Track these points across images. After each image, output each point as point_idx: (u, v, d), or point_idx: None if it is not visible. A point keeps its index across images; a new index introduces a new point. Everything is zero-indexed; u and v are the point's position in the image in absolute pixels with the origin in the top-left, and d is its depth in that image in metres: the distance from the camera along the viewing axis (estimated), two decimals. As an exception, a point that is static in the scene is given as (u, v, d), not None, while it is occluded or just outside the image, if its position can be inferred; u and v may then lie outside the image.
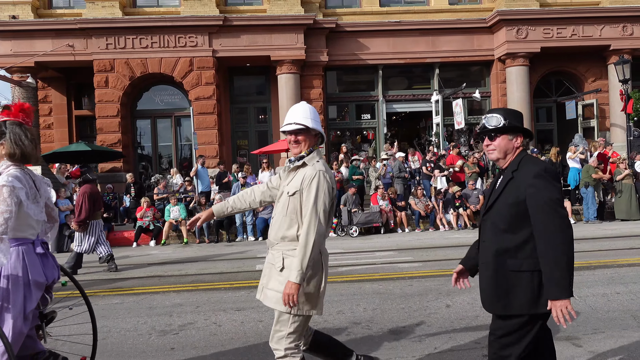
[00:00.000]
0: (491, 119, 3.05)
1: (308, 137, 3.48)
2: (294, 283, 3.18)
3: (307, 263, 3.20)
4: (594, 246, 10.39)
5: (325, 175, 3.36)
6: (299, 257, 3.21)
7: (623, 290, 6.56)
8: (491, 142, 3.05)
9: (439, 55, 19.84)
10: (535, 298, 2.85)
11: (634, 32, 19.29)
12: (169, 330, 5.64)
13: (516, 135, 3.05)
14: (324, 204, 3.31)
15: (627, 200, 15.02)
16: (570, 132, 19.76)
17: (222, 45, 18.53)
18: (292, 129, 3.46)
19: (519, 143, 3.05)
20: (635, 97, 18.36)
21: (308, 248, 3.20)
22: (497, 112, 3.07)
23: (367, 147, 20.91)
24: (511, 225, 2.90)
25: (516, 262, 2.89)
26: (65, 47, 18.08)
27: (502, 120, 3.02)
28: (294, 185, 3.40)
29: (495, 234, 2.96)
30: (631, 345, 4.59)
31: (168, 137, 20.06)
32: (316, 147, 3.53)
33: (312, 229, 3.23)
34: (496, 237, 2.95)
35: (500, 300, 2.94)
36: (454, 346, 4.75)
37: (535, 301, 2.85)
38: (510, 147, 3.03)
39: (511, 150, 3.03)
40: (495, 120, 3.03)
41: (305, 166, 3.41)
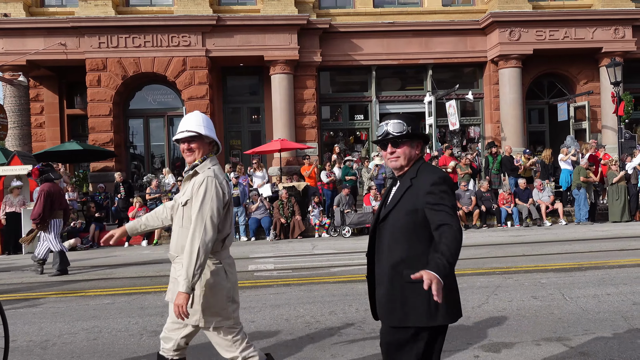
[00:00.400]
0: (396, 125, 2.93)
1: (202, 145, 3.39)
2: (183, 293, 3.09)
3: (193, 272, 3.10)
4: (585, 247, 10.44)
5: (214, 181, 3.27)
6: (185, 265, 3.12)
7: (614, 291, 6.59)
8: (396, 149, 2.94)
9: (432, 56, 19.87)
10: (433, 309, 2.77)
11: (626, 34, 19.40)
12: (161, 330, 5.61)
13: (417, 142, 2.99)
14: (212, 210, 3.21)
15: (622, 203, 15.08)
16: (562, 134, 19.85)
17: (215, 45, 18.48)
18: (184, 137, 3.37)
19: (419, 150, 2.99)
20: (627, 100, 18.46)
21: (193, 256, 3.10)
22: (400, 118, 2.96)
23: (360, 148, 20.93)
24: (408, 235, 2.82)
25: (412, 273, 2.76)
26: (58, 45, 17.99)
27: (405, 127, 2.93)
28: (187, 194, 3.33)
29: (392, 243, 2.86)
30: (621, 346, 4.61)
31: (160, 136, 19.99)
32: (210, 154, 3.45)
33: (197, 235, 3.14)
34: (393, 247, 2.85)
35: (397, 311, 2.82)
36: (446, 346, 4.74)
37: (433, 313, 2.78)
38: (413, 154, 2.95)
39: (414, 157, 2.96)
40: (400, 127, 2.92)
41: (197, 174, 3.35)
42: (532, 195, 15.53)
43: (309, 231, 14.85)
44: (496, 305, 6.14)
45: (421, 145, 3.02)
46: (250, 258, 10.93)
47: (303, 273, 8.85)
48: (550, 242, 11.54)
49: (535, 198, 15.45)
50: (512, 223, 15.12)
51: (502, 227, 15.02)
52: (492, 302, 6.29)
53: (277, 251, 11.91)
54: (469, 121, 20.95)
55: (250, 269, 9.43)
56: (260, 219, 14.68)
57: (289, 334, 5.33)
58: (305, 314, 6.03)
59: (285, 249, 12.22)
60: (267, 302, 6.69)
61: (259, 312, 6.23)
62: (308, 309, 6.24)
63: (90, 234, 14.33)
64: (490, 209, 15.33)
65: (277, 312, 6.16)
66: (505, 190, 15.71)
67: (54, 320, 6.22)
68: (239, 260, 10.69)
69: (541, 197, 15.45)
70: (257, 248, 12.65)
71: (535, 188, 15.71)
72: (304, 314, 6.03)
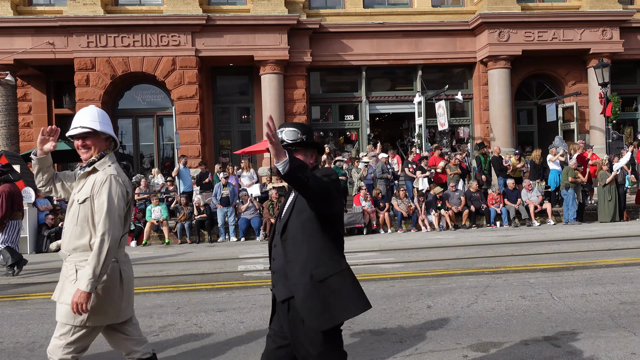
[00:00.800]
0: (290, 133, 2.93)
1: (97, 141, 3.31)
2: (84, 292, 3.01)
3: (100, 271, 3.04)
4: (573, 247, 10.51)
5: (118, 179, 3.22)
6: (92, 264, 3.04)
7: (601, 291, 6.64)
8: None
9: (422, 57, 19.93)
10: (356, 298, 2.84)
11: (613, 36, 19.56)
12: (149, 331, 5.59)
13: (311, 151, 3.00)
14: (118, 209, 3.16)
15: (614, 204, 15.17)
16: (550, 135, 19.97)
17: (205, 44, 18.43)
18: (78, 133, 3.27)
19: (313, 159, 3.00)
20: (614, 101, 18.60)
21: (102, 256, 3.04)
22: (295, 127, 2.96)
23: (350, 148, 20.94)
24: (306, 235, 2.85)
25: (321, 271, 2.81)
26: (46, 44, 17.86)
27: (300, 135, 2.93)
28: (85, 192, 3.23)
29: (297, 249, 2.87)
30: (609, 345, 4.65)
31: (150, 136, 19.90)
32: (108, 151, 3.37)
33: (106, 235, 3.08)
34: (298, 253, 2.86)
35: (324, 314, 2.80)
36: (435, 347, 4.77)
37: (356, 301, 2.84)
38: (307, 162, 2.95)
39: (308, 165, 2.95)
40: (294, 135, 2.92)
41: (96, 172, 3.25)
42: (520, 196, 15.61)
43: (299, 231, 14.81)
44: (485, 305, 6.17)
45: (315, 154, 3.03)
46: (239, 258, 10.90)
47: (293, 273, 8.82)
48: (539, 242, 11.60)
49: (524, 198, 15.54)
50: (501, 223, 15.19)
51: (491, 227, 15.09)
52: (481, 302, 6.31)
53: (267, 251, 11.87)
54: (459, 122, 21.03)
55: (240, 270, 9.41)
56: (250, 219, 14.65)
57: (279, 334, 5.31)
58: (295, 315, 6.01)
59: (275, 249, 12.17)
60: (256, 303, 6.67)
61: (248, 312, 6.22)
62: (297, 310, 6.22)
63: (78, 235, 14.20)
64: (479, 209, 15.39)
65: (266, 313, 6.14)
66: (494, 190, 15.78)
67: (41, 321, 6.17)
68: (229, 260, 10.68)
69: (530, 197, 15.54)
70: (247, 248, 12.63)
71: (524, 188, 15.79)
72: (294, 315, 6.01)
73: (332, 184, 2.80)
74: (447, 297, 6.58)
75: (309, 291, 2.81)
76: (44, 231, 13.66)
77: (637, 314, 5.59)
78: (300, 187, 2.64)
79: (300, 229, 2.88)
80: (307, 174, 2.58)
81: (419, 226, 15.05)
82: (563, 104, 20.62)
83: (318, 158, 3.07)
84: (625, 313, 5.63)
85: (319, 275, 2.81)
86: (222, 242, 14.36)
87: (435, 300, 6.43)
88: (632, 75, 21.57)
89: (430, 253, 10.55)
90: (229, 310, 6.32)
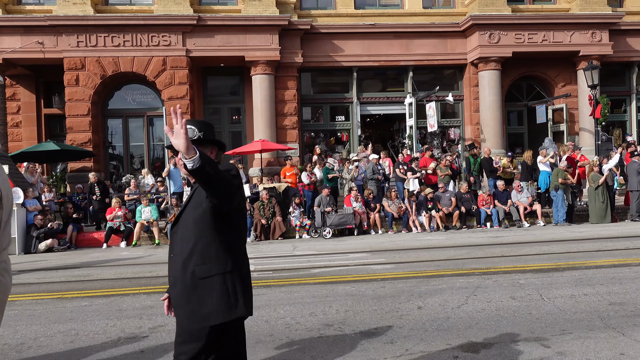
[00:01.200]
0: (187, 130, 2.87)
1: None
2: None
3: None
4: (563, 248, 10.56)
5: None
6: None
7: (590, 291, 6.68)
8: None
9: (412, 58, 19.99)
10: (232, 302, 2.78)
11: (603, 38, 19.72)
12: (139, 333, 5.56)
13: (211, 148, 2.97)
14: None
15: (605, 205, 15.26)
16: (540, 136, 20.10)
17: (195, 45, 18.38)
18: None
19: (213, 156, 2.97)
20: (604, 103, 18.76)
21: None
22: (191, 124, 2.93)
23: (341, 149, 20.95)
24: (196, 230, 2.81)
25: (204, 268, 2.78)
26: (35, 44, 17.74)
27: (197, 132, 2.91)
28: None
29: (183, 243, 2.85)
30: (598, 346, 4.67)
31: (140, 136, 19.81)
32: None
33: None
34: (184, 247, 2.84)
35: (197, 313, 2.77)
36: (426, 347, 4.77)
37: (232, 305, 2.79)
38: None
39: None
40: (190, 132, 2.86)
41: None
42: (510, 197, 15.67)
43: (290, 232, 14.82)
44: (475, 305, 6.18)
45: (216, 151, 3.00)
46: (230, 259, 10.85)
47: (283, 274, 8.82)
48: (529, 243, 11.65)
49: (514, 199, 15.60)
50: (492, 224, 15.25)
51: (481, 228, 15.14)
52: (471, 302, 6.33)
53: (258, 252, 11.86)
54: (449, 123, 21.10)
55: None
56: (241, 220, 14.60)
57: (269, 335, 5.30)
58: (286, 316, 6.01)
59: (266, 250, 12.18)
60: (247, 304, 6.64)
61: (238, 313, 6.19)
62: (288, 311, 6.22)
63: (67, 235, 14.13)
64: (470, 210, 15.44)
65: (256, 314, 6.12)
66: (485, 191, 15.84)
67: (29, 322, 6.11)
68: (219, 261, 10.63)
69: (520, 198, 15.61)
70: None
71: (514, 189, 15.86)
72: (284, 316, 6.01)
73: (233, 179, 2.78)
74: (437, 297, 6.59)
75: (187, 288, 2.78)
76: (32, 232, 13.56)
77: (625, 314, 5.63)
78: (207, 184, 2.60)
79: (192, 224, 2.84)
80: (215, 170, 2.55)
81: (409, 227, 15.08)
82: (553, 105, 20.75)
83: (218, 155, 3.03)
84: (614, 314, 5.66)
85: (200, 272, 2.78)
86: (212, 242, 14.29)
87: (425, 301, 6.44)
88: (621, 78, 21.74)
89: (421, 254, 10.57)
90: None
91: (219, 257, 2.79)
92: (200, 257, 2.79)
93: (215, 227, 2.82)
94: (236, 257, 2.90)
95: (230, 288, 2.79)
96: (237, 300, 2.80)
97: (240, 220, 2.99)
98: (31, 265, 11.18)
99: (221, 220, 2.83)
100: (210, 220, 2.81)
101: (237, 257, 2.91)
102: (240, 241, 3.00)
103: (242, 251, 3.01)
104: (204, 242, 2.81)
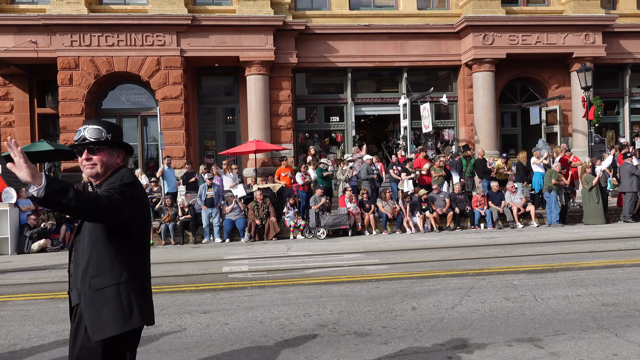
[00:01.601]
0: (93, 131, 2.81)
1: None
2: None
3: None
4: (556, 249, 10.60)
5: None
6: None
7: (583, 292, 6.71)
8: (92, 156, 2.82)
9: (407, 59, 20.02)
10: (127, 313, 2.73)
11: (596, 40, 19.80)
12: (133, 333, 5.53)
13: (118, 150, 2.91)
14: None
15: (600, 206, 15.31)
16: (534, 137, 20.17)
17: (190, 45, 18.34)
18: None
19: (120, 159, 2.92)
20: (597, 104, 18.84)
21: None
22: (98, 124, 2.85)
23: (335, 150, 20.96)
24: (91, 242, 2.76)
25: (99, 280, 2.73)
26: (28, 43, 17.65)
27: (105, 134, 2.83)
28: None
29: (82, 255, 2.79)
30: (591, 346, 4.69)
31: (134, 137, 19.74)
32: None
33: None
34: (82, 258, 2.78)
35: (94, 325, 2.72)
36: (420, 348, 4.78)
37: (127, 316, 2.74)
38: (112, 162, 2.87)
39: (113, 165, 2.88)
40: (97, 133, 2.80)
41: None
42: (504, 198, 15.72)
43: (284, 233, 14.81)
44: (469, 306, 6.20)
45: (123, 154, 2.94)
46: (224, 260, 10.85)
47: (277, 275, 8.82)
48: (522, 244, 11.69)
49: (507, 200, 15.65)
50: (485, 225, 15.28)
51: (475, 229, 15.18)
52: (465, 303, 6.34)
53: (252, 253, 11.85)
54: (444, 124, 21.14)
55: (225, 271, 9.36)
56: (235, 221, 14.60)
57: (263, 336, 5.30)
58: (280, 316, 6.00)
59: (260, 251, 12.17)
60: (241, 304, 6.64)
61: (232, 314, 6.19)
62: (282, 311, 6.22)
63: (60, 235, 14.07)
64: (463, 211, 15.48)
65: (251, 314, 6.12)
66: (479, 192, 15.88)
67: (22, 323, 6.08)
68: (213, 261, 10.63)
69: (513, 199, 15.65)
70: (232, 250, 12.58)
71: (507, 190, 15.91)
72: (278, 316, 6.00)
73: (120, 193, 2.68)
74: (431, 298, 6.60)
75: (87, 300, 2.74)
76: (26, 232, 13.49)
77: (618, 315, 5.66)
78: (61, 210, 2.55)
79: (87, 236, 2.78)
80: (68, 197, 2.44)
81: (403, 228, 15.09)
82: (546, 107, 20.83)
83: (126, 158, 2.96)
84: (607, 314, 5.69)
85: (96, 284, 2.73)
86: (206, 243, 14.29)
87: (419, 302, 6.45)
88: (614, 79, 21.85)
89: (415, 255, 10.58)
90: (214, 312, 6.29)
91: (113, 269, 2.73)
92: (95, 269, 2.73)
93: (109, 238, 2.75)
94: (133, 268, 2.82)
95: (124, 299, 2.73)
96: (132, 310, 2.74)
97: (139, 229, 2.89)
98: (24, 265, 11.12)
99: (115, 232, 2.76)
100: (103, 230, 2.74)
101: (133, 268, 2.83)
102: (140, 251, 2.91)
103: (142, 261, 2.92)
104: (98, 254, 2.75)
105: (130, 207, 2.72)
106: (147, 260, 3.00)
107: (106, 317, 2.71)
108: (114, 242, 2.76)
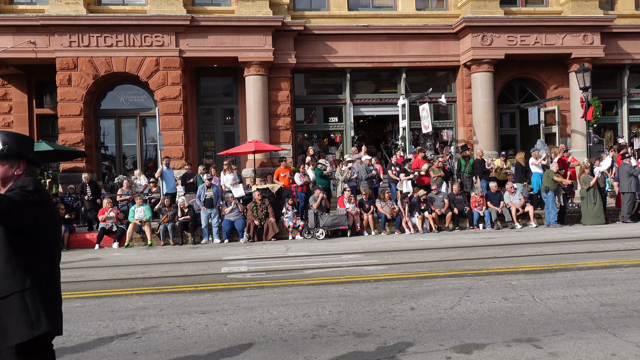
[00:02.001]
0: None
1: None
2: None
3: None
4: (555, 250, 10.61)
5: None
6: None
7: (582, 292, 6.72)
8: None
9: (406, 59, 20.03)
10: (33, 319, 2.69)
11: (594, 41, 19.83)
12: (132, 334, 5.55)
13: (19, 162, 2.87)
14: None
15: (598, 207, 15.32)
16: (532, 138, 20.19)
17: (189, 45, 18.34)
18: None
19: (21, 170, 2.87)
20: (595, 105, 18.85)
21: None
22: None
23: (334, 150, 20.96)
24: None
25: (1, 288, 2.69)
26: (27, 43, 17.64)
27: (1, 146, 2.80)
28: None
29: None
30: (589, 347, 4.70)
31: (133, 137, 19.74)
32: None
33: None
34: None
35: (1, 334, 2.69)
36: (418, 348, 4.79)
37: (34, 322, 2.70)
38: (10, 173, 2.84)
39: (11, 177, 2.84)
40: None
41: None
42: (503, 198, 15.73)
43: (283, 233, 14.81)
44: (468, 306, 6.21)
45: (24, 165, 2.89)
46: (223, 260, 10.85)
47: (276, 275, 8.82)
48: (521, 244, 11.71)
49: (506, 201, 15.66)
50: (484, 225, 15.29)
51: (474, 230, 15.18)
52: (464, 303, 6.35)
53: (251, 253, 11.86)
54: (442, 124, 21.15)
55: (224, 271, 9.36)
56: (234, 221, 14.60)
57: (262, 336, 5.30)
58: (279, 317, 6.01)
59: (259, 251, 12.17)
60: (240, 305, 6.65)
61: (231, 314, 6.19)
62: (281, 312, 6.22)
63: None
64: (462, 211, 15.49)
65: (250, 315, 6.13)
66: (477, 193, 15.90)
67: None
68: (212, 262, 10.63)
69: (512, 200, 15.66)
70: (231, 250, 12.58)
71: (506, 191, 15.92)
72: (277, 317, 6.01)
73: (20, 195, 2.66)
74: (430, 298, 6.61)
75: None
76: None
77: (617, 315, 5.67)
78: None
79: None
80: None
81: (402, 228, 15.10)
82: (545, 107, 20.85)
83: (29, 168, 2.90)
84: (606, 314, 5.70)
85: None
86: (205, 243, 14.28)
87: (418, 302, 6.45)
88: (612, 80, 21.87)
89: (414, 255, 10.59)
90: (213, 312, 6.29)
91: (16, 276, 2.70)
92: None
93: (10, 245, 2.72)
94: (37, 274, 2.79)
95: (30, 305, 2.69)
96: (39, 317, 2.71)
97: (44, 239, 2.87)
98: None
99: (18, 239, 2.74)
100: (5, 239, 2.72)
101: (38, 274, 2.79)
102: (46, 263, 2.87)
103: (47, 267, 2.88)
104: (1, 261, 2.72)
105: (32, 210, 2.70)
106: (54, 273, 2.94)
107: (11, 324, 2.67)
108: (16, 250, 2.72)
